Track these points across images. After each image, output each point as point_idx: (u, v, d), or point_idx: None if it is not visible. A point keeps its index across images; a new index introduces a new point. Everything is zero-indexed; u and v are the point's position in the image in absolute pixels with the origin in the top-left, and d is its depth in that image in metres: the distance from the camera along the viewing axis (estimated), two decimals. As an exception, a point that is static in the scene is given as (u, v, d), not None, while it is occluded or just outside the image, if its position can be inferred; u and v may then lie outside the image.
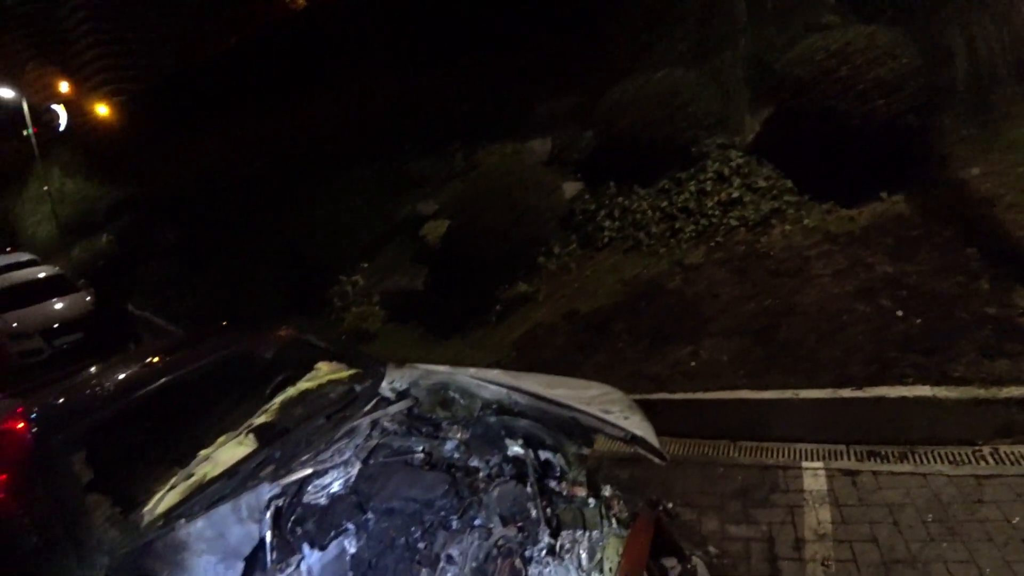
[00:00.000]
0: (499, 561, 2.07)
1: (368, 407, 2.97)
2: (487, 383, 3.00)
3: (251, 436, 2.86)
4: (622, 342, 4.70)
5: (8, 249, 18.63)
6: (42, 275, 11.39)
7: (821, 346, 3.83)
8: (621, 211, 5.90)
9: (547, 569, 2.13)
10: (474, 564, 2.02)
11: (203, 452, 2.79)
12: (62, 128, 23.45)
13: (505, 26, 10.41)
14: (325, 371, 3.42)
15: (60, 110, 23.87)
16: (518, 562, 2.12)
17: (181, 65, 38.18)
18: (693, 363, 4.12)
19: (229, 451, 2.75)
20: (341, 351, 3.56)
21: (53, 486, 2.44)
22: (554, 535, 2.26)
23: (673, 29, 6.58)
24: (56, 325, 9.67)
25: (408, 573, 2.04)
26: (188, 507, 2.33)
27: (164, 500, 2.45)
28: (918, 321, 3.70)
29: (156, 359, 3.34)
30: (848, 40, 4.78)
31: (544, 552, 2.18)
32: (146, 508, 2.41)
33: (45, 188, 19.30)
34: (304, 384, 3.30)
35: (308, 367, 3.43)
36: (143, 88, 38.86)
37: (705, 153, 5.60)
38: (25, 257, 14.69)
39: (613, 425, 2.53)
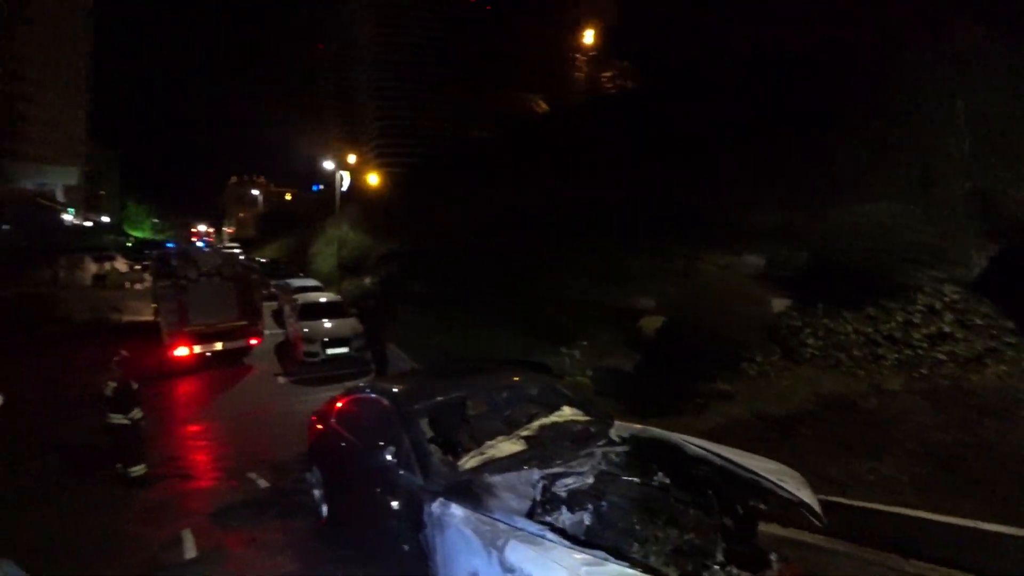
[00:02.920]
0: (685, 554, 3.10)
1: (601, 443, 4.21)
2: (691, 444, 4.03)
3: (520, 441, 4.29)
4: (806, 446, 5.28)
5: (300, 274, 24.63)
6: (327, 299, 15.05)
7: (1013, 487, 4.07)
8: (826, 331, 6.45)
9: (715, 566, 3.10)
10: (670, 546, 3.07)
11: (488, 442, 4.30)
12: (344, 189, 30.20)
13: (724, 137, 11.48)
14: (568, 413, 4.79)
15: (345, 175, 30.83)
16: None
17: (442, 149, 46.20)
18: (872, 476, 4.59)
19: (508, 446, 4.20)
20: (581, 401, 4.91)
21: (410, 432, 4.10)
22: (726, 554, 3.21)
23: (891, 158, 7.03)
24: (329, 339, 12.82)
25: (624, 542, 3.16)
26: (488, 468, 3.78)
27: (469, 462, 3.96)
28: None
29: (470, 375, 5.05)
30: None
31: (718, 559, 3.15)
32: (460, 462, 3.94)
33: (337, 234, 25.02)
34: (554, 417, 4.70)
35: (557, 407, 4.85)
36: (412, 163, 47.90)
37: (916, 286, 5.95)
38: (312, 283, 19.46)
39: (786, 491, 3.39)
